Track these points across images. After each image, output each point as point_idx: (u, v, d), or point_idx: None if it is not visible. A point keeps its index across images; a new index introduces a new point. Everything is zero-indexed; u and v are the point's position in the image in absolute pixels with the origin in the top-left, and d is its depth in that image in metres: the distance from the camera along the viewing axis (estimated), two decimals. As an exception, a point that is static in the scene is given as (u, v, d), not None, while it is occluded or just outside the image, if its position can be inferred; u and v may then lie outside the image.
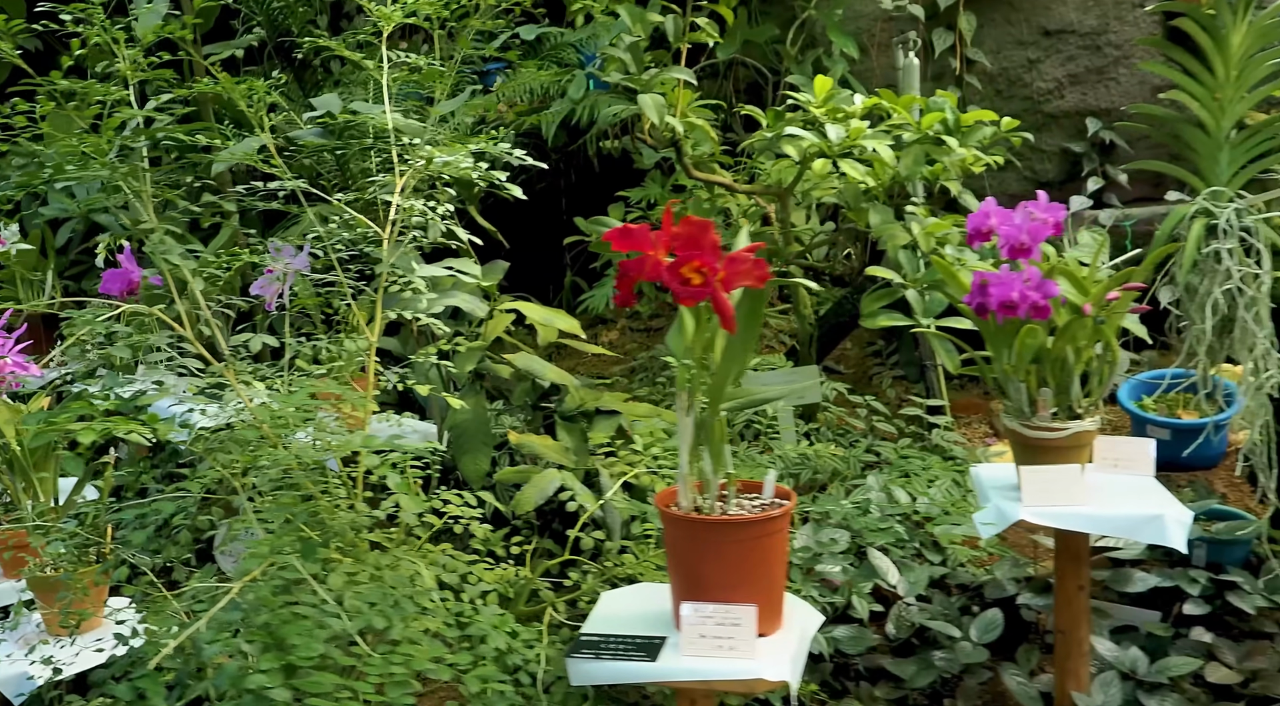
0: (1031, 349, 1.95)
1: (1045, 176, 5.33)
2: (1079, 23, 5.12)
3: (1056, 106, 5.26)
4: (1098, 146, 5.09)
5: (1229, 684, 2.26)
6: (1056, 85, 5.23)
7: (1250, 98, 2.21)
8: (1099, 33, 5.10)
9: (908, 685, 2.31)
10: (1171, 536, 1.96)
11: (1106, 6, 5.08)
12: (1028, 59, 5.25)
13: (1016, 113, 5.31)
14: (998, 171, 5.54)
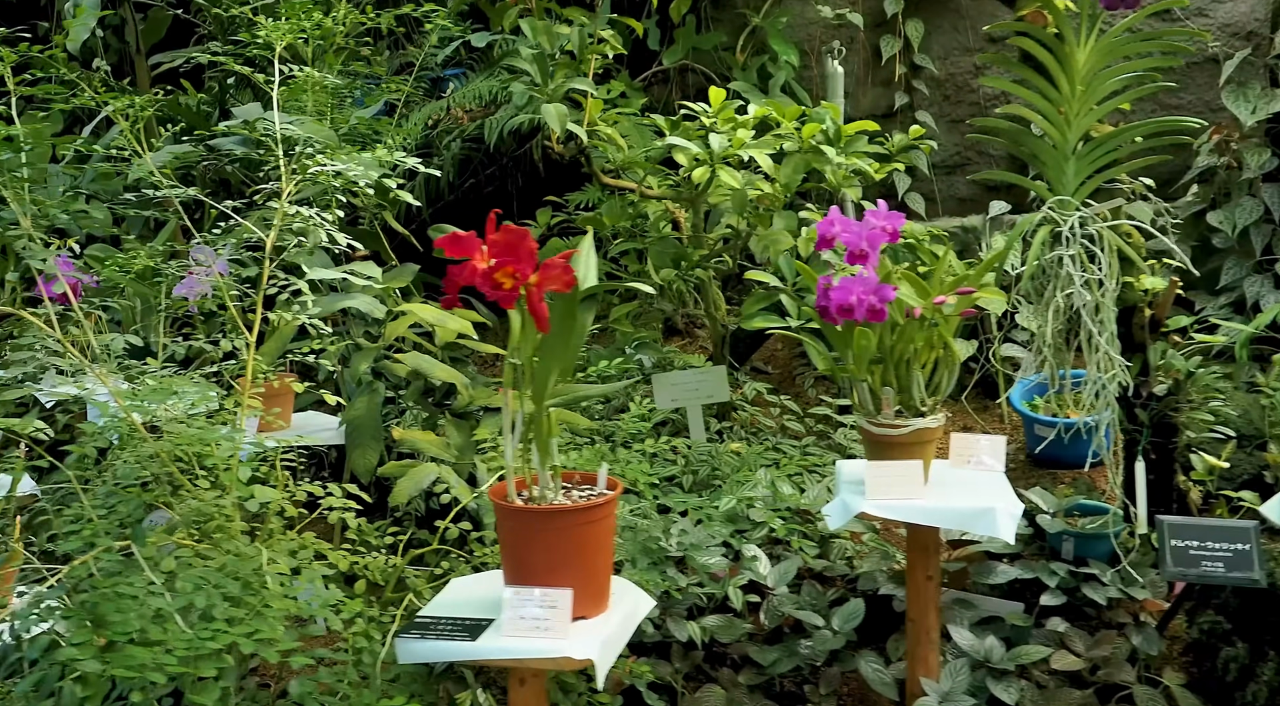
0: (867, 350, 2.05)
1: (992, 181, 5.42)
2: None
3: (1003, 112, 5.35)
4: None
5: (1075, 670, 2.36)
6: (1002, 91, 5.31)
7: (1098, 111, 2.32)
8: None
9: (768, 671, 2.41)
10: (1001, 529, 2.07)
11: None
12: (974, 65, 5.35)
13: (964, 117, 5.43)
14: (947, 176, 5.67)
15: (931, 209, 5.48)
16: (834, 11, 4.80)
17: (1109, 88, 2.29)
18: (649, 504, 2.79)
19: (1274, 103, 3.46)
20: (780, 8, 5.18)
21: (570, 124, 2.86)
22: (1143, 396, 2.37)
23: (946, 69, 5.39)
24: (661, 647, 2.55)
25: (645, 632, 2.53)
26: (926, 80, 5.41)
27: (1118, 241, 2.26)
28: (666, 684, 2.49)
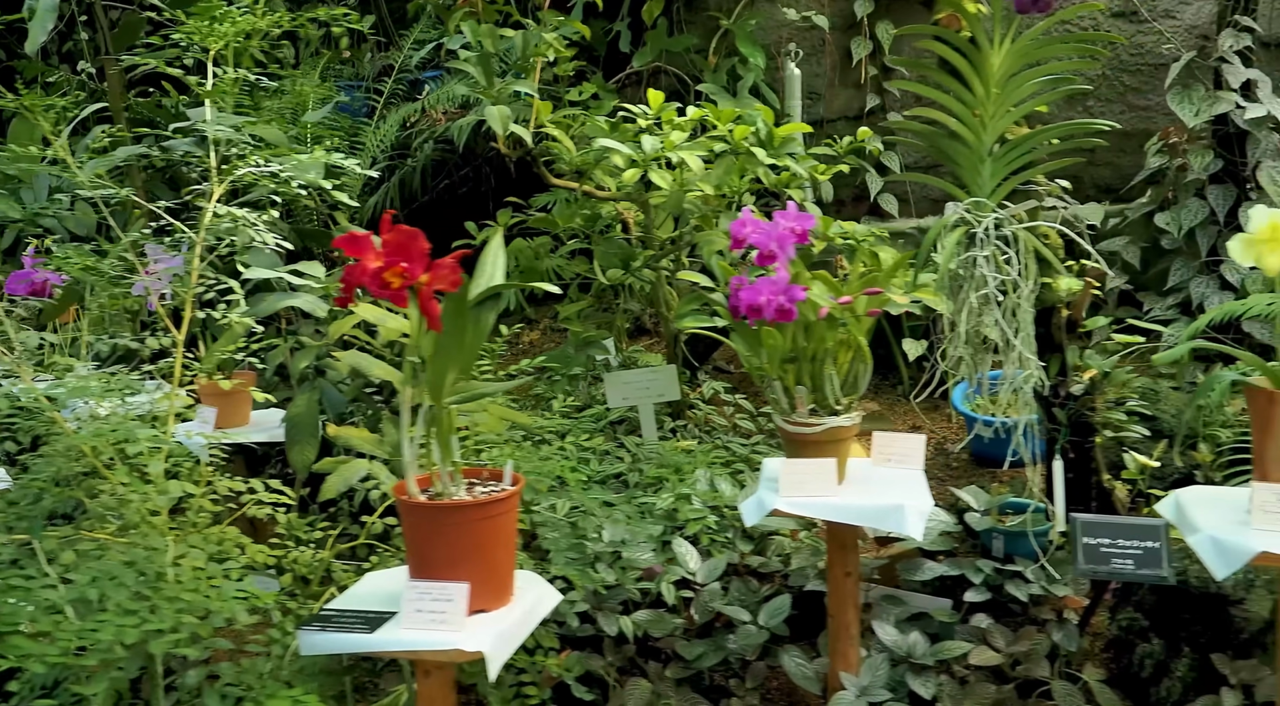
0: (777, 349, 2.09)
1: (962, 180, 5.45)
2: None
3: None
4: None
5: (994, 666, 2.40)
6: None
7: (1014, 112, 2.35)
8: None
9: (694, 665, 2.45)
10: (909, 526, 2.10)
11: (1016, 16, 5.18)
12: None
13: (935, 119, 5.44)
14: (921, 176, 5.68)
15: (905, 209, 5.51)
16: (799, 14, 4.83)
17: (1026, 91, 2.32)
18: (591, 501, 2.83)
19: (1217, 105, 3.49)
20: (751, 10, 5.21)
21: (515, 126, 2.90)
22: (1060, 396, 2.41)
23: (917, 70, 5.40)
24: (596, 641, 2.59)
25: (579, 627, 2.58)
26: (898, 81, 5.43)
27: (1034, 242, 2.29)
28: (599, 676, 2.53)
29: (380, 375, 2.55)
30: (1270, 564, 1.66)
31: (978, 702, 2.31)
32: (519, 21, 3.17)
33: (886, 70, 5.42)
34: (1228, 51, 3.53)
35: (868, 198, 5.50)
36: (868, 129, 3.49)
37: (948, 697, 2.32)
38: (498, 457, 2.65)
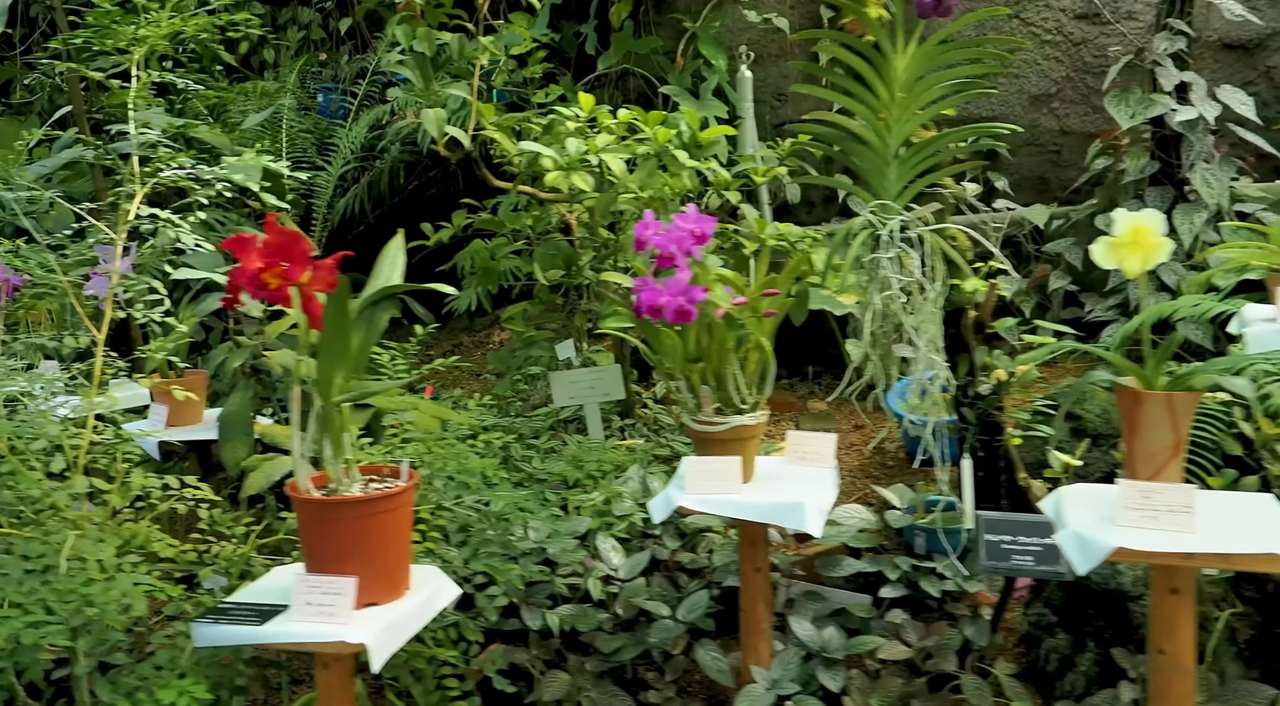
0: (675, 349, 2.14)
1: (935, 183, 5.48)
2: (958, 33, 5.25)
3: (941, 115, 5.40)
4: (980, 154, 5.21)
5: (906, 659, 2.44)
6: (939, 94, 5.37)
7: (921, 115, 2.39)
8: (976, 44, 5.23)
9: (612, 658, 2.50)
10: (809, 522, 2.15)
11: (983, 17, 5.21)
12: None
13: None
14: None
15: (875, 209, 5.53)
16: (760, 16, 4.87)
17: (935, 92, 2.36)
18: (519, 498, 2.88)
19: (1151, 108, 3.51)
20: (716, 13, 5.26)
21: (453, 128, 2.95)
22: (969, 396, 2.44)
23: (884, 72, 5.44)
24: (524, 635, 2.64)
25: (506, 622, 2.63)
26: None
27: (940, 244, 2.33)
28: (526, 670, 2.58)
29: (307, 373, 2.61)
30: (1125, 559, 1.70)
31: (884, 695, 2.35)
32: (462, 25, 3.22)
33: (854, 72, 5.45)
34: (1161, 55, 3.56)
35: (837, 199, 5.54)
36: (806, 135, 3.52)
37: (856, 690, 2.37)
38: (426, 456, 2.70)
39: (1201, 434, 2.66)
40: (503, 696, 2.52)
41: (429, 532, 2.43)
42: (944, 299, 2.37)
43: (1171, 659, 1.80)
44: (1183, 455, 1.76)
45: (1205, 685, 2.24)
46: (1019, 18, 5.18)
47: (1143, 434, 1.76)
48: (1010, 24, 5.21)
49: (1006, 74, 5.23)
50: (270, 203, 2.57)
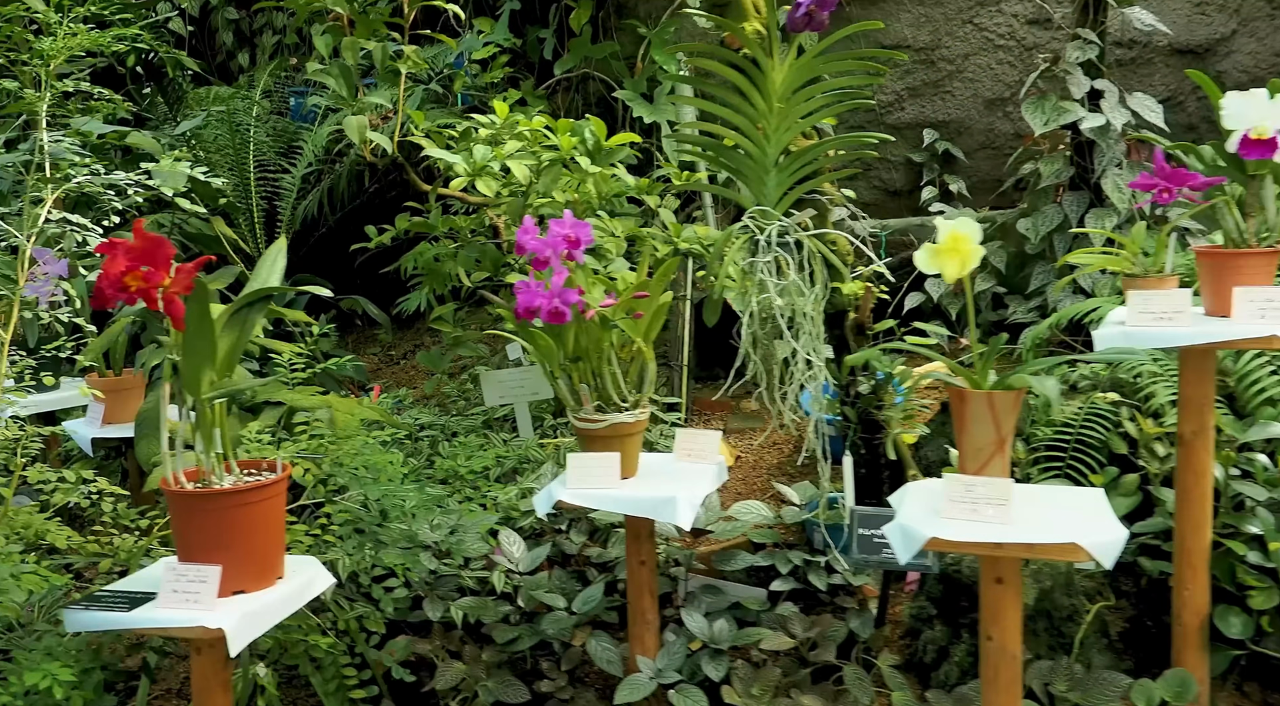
0: (549, 349, 2.22)
1: (893, 185, 5.57)
2: (913, 38, 5.34)
3: (898, 118, 5.49)
4: (938, 157, 5.28)
5: (785, 650, 2.52)
6: (896, 98, 5.46)
7: (801, 124, 2.47)
8: (932, 48, 5.32)
9: (506, 649, 2.59)
10: (680, 516, 2.23)
11: (938, 23, 5.30)
12: (866, 73, 5.46)
13: (861, 125, 5.57)
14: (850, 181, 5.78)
15: (836, 211, 5.61)
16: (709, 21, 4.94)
17: (815, 103, 2.44)
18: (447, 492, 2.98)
19: (1064, 115, 3.58)
20: (673, 19, 5.33)
21: (377, 135, 3.05)
22: (851, 395, 2.52)
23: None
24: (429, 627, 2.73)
25: (413, 614, 2.73)
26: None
27: (820, 248, 2.41)
28: (430, 660, 2.67)
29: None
30: (939, 548, 1.77)
31: (764, 684, 2.43)
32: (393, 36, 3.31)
33: (811, 77, 5.53)
34: (1071, 63, 3.62)
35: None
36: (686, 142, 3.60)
37: (738, 680, 2.44)
38: (334, 451, 2.80)
39: (1090, 433, 2.73)
40: (406, 686, 2.62)
41: (329, 525, 2.52)
42: (825, 301, 2.45)
43: (998, 645, 1.88)
44: (1007, 451, 1.84)
45: (1069, 675, 2.31)
46: (972, 23, 5.24)
47: (969, 431, 1.84)
48: (964, 29, 5.27)
49: (962, 78, 5.30)
50: (187, 208, 2.66)
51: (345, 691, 2.53)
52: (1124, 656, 2.48)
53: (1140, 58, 5.02)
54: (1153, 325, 2.15)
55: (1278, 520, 2.36)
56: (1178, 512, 2.28)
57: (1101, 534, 1.73)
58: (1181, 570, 2.29)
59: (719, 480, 2.46)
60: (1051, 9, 5.10)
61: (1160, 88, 5.05)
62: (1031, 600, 2.37)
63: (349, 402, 2.92)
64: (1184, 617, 2.30)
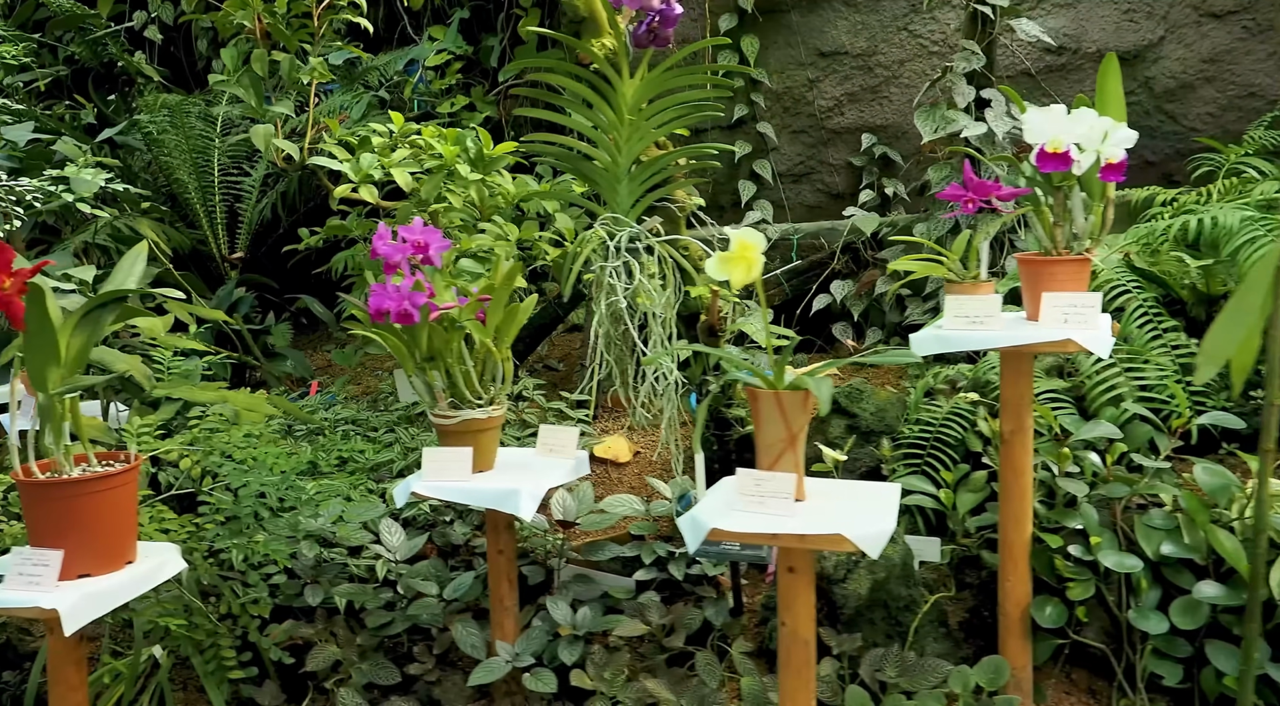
0: (399, 348, 2.35)
1: (835, 189, 5.67)
2: (850, 45, 5.45)
3: (838, 123, 5.60)
4: (876, 161, 5.38)
5: (644, 636, 2.64)
6: (836, 103, 5.56)
7: (653, 135, 2.58)
8: (869, 54, 5.43)
9: (378, 633, 2.72)
10: (523, 508, 2.35)
11: (874, 30, 5.40)
12: (808, 78, 5.59)
13: (803, 129, 5.68)
14: (794, 184, 5.89)
15: (780, 215, 5.73)
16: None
17: (660, 117, 2.55)
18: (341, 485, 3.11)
19: (951, 123, 3.68)
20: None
21: (285, 142, 3.18)
22: (703, 393, 2.63)
23: (783, 82, 5.63)
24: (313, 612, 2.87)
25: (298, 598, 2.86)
26: (765, 93, 5.65)
27: (671, 253, 2.52)
28: (313, 642, 2.80)
29: (122, 368, 2.85)
30: (722, 539, 1.89)
31: (616, 668, 2.55)
32: (303, 48, 3.44)
33: (753, 82, 5.65)
34: (956, 73, 3.73)
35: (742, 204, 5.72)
36: None
37: (592, 664, 2.56)
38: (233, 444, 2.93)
39: (949, 432, 2.84)
40: (291, 668, 2.75)
41: (212, 514, 2.66)
42: (678, 304, 2.57)
43: (791, 630, 1.99)
44: (799, 448, 1.95)
45: (900, 662, 2.43)
46: (907, 29, 5.34)
47: (762, 428, 1.95)
48: (899, 36, 5.37)
49: (898, 84, 5.40)
50: (91, 212, 2.79)
51: (224, 672, 2.66)
52: (964, 645, 2.59)
53: (1070, 64, 5.11)
54: (966, 329, 2.26)
55: (1101, 516, 2.47)
56: (1000, 508, 2.39)
57: (869, 526, 1.84)
58: (1004, 562, 2.40)
59: (575, 474, 2.57)
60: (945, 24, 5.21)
61: (1090, 92, 5.13)
62: (865, 590, 2.48)
63: (252, 398, 3.06)
64: (1006, 608, 2.41)
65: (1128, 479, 2.50)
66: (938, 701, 2.33)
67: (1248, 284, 1.38)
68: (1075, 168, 2.13)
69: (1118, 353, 2.84)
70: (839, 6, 5.44)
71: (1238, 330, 1.36)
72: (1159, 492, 2.45)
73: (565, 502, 2.89)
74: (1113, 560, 2.34)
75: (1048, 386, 2.86)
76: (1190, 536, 2.36)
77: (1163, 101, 5.05)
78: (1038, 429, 2.71)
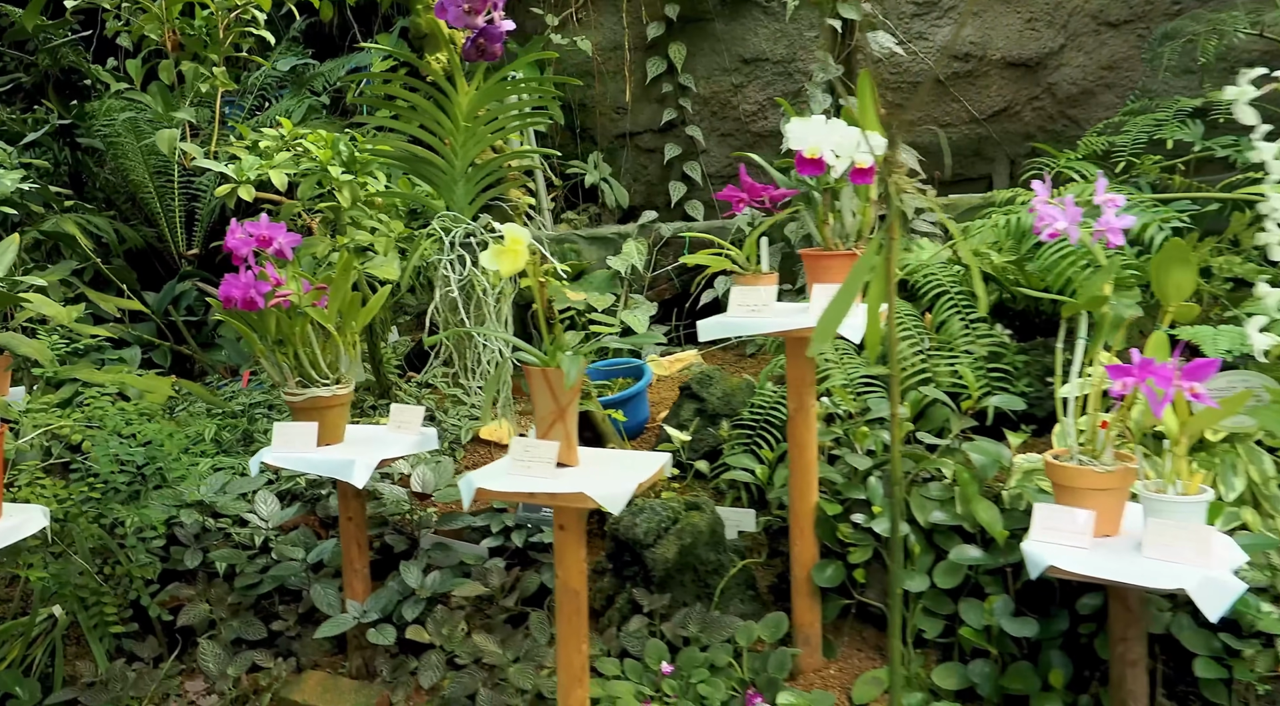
0: (247, 332, 2.62)
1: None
2: (770, 52, 5.69)
3: (762, 126, 5.84)
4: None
5: (487, 597, 2.90)
6: (759, 107, 5.81)
7: (490, 139, 2.84)
8: (789, 60, 5.67)
9: (245, 593, 2.99)
10: (355, 476, 2.61)
11: (793, 38, 5.64)
12: (733, 84, 5.84)
13: (730, 132, 5.92)
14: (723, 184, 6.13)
15: (710, 213, 5.98)
16: (566, 39, 5.33)
17: (495, 124, 2.81)
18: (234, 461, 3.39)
19: (812, 127, 3.92)
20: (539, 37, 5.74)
21: (189, 145, 3.45)
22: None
23: (710, 87, 5.87)
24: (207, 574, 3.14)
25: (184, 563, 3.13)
26: (693, 98, 5.90)
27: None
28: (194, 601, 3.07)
29: (26, 352, 3.14)
30: (483, 497, 2.15)
31: (452, 625, 2.81)
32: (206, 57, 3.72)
33: (682, 87, 5.90)
34: (814, 83, 3.97)
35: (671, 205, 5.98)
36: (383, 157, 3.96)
37: (432, 621, 2.83)
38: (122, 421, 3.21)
39: (777, 413, 3.09)
40: (170, 625, 3.02)
41: (82, 480, 2.94)
42: (513, 295, 2.83)
43: (563, 582, 2.25)
44: (568, 419, 2.21)
45: (702, 619, 2.68)
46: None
47: (537, 401, 2.21)
48: (815, 43, 5.60)
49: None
50: (6, 212, 3.08)
51: (106, 627, 2.94)
52: (772, 606, 2.83)
53: (976, 70, 5.34)
54: (745, 316, 2.51)
55: (887, 488, 2.71)
56: (790, 480, 2.64)
57: (612, 488, 2.09)
58: (793, 529, 2.65)
59: (418, 448, 2.83)
60: (893, 26, 5.44)
61: (997, 98, 5.37)
62: (673, 555, 2.73)
63: (150, 380, 3.34)
64: (795, 570, 2.66)
65: (915, 455, 2.74)
66: (726, 652, 2.58)
67: (855, 269, 1.64)
68: (831, 172, 2.38)
69: (932, 341, 3.08)
70: (759, 15, 5.68)
71: (840, 311, 1.62)
72: (941, 468, 2.69)
73: (425, 476, 3.16)
74: (884, 526, 2.59)
75: (869, 372, 3.10)
76: (963, 507, 2.60)
77: (1065, 106, 5.28)
78: (850, 410, 2.96)
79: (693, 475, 3.19)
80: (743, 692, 2.49)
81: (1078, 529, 2.08)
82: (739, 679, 2.55)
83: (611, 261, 4.24)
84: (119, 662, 2.87)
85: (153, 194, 5.58)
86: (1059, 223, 2.07)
